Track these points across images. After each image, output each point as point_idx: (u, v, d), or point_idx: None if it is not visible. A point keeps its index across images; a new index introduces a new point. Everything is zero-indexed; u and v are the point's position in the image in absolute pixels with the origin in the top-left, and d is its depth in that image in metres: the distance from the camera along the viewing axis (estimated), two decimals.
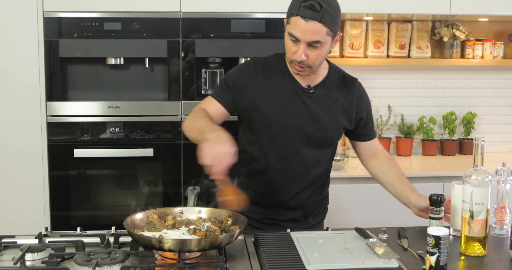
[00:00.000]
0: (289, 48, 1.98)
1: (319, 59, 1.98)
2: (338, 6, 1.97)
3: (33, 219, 3.00)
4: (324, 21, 1.89)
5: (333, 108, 2.11)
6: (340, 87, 2.14)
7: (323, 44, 1.94)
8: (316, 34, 1.90)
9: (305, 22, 1.89)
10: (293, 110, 2.06)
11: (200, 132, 1.86)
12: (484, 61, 3.72)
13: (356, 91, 2.16)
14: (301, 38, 1.91)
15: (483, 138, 1.79)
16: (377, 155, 2.25)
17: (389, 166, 2.21)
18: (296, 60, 1.95)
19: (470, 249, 1.81)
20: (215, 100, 2.08)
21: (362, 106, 2.17)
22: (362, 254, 1.71)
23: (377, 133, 3.73)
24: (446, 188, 3.14)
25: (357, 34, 3.65)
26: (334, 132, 2.14)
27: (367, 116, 2.20)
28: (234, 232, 1.70)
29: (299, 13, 1.89)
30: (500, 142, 3.91)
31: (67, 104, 2.99)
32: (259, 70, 2.09)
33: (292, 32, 1.93)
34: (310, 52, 1.94)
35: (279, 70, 2.09)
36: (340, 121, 2.12)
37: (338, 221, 3.07)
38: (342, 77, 2.16)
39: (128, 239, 1.79)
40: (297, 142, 2.08)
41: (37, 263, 1.66)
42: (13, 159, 3.01)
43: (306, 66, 1.98)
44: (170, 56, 3.01)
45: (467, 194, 1.79)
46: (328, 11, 1.90)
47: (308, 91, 2.08)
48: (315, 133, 2.09)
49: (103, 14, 2.98)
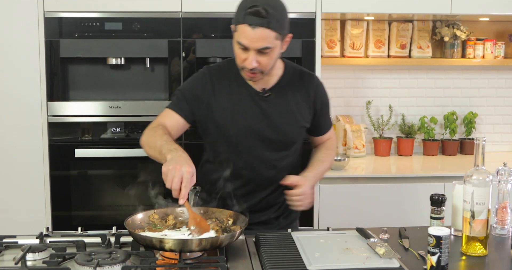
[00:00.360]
0: (238, 56, 1.96)
1: (270, 63, 1.98)
2: (284, 8, 1.94)
3: (34, 219, 3.00)
4: (272, 26, 1.88)
5: (291, 108, 2.09)
6: (297, 85, 2.12)
7: (272, 49, 1.93)
8: (264, 40, 1.89)
9: (253, 30, 1.87)
10: (251, 116, 2.05)
11: (159, 151, 1.84)
12: (485, 60, 3.72)
13: (314, 87, 2.14)
14: (250, 46, 1.90)
15: (484, 138, 1.79)
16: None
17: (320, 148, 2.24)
18: (247, 67, 1.95)
19: (471, 249, 1.81)
20: (173, 112, 2.05)
21: (318, 101, 2.15)
22: (363, 254, 1.70)
23: (378, 133, 3.73)
24: (447, 188, 3.14)
25: (358, 34, 3.65)
26: (295, 133, 2.13)
27: (322, 111, 2.18)
28: (235, 232, 1.70)
29: (245, 21, 1.87)
30: (501, 142, 3.91)
31: (68, 104, 2.99)
32: (214, 79, 2.07)
33: (240, 40, 1.91)
34: (260, 58, 1.93)
35: (233, 77, 2.08)
36: (299, 120, 2.12)
37: (339, 221, 3.07)
38: (299, 75, 2.14)
39: (129, 239, 1.79)
40: (259, 148, 2.07)
41: (38, 263, 1.66)
42: (14, 159, 3.01)
43: (258, 72, 1.97)
44: (171, 56, 3.01)
45: (468, 194, 1.79)
46: (274, 16, 1.87)
47: (264, 94, 2.07)
48: (275, 136, 2.08)
49: (103, 14, 2.98)
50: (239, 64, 1.99)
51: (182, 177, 1.68)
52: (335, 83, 3.75)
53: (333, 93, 3.74)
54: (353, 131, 3.63)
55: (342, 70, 3.75)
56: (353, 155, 3.63)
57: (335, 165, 3.28)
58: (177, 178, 1.68)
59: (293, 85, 2.11)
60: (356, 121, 3.75)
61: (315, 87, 2.14)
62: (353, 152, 3.64)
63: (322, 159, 2.16)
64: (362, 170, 3.39)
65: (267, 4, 1.88)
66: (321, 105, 2.17)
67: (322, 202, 3.13)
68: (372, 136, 3.78)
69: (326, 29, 3.60)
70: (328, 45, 3.62)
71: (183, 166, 1.70)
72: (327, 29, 3.61)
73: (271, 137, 2.07)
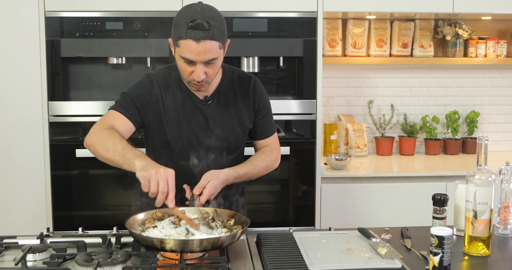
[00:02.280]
0: (184, 70, 1.95)
1: (215, 73, 2.00)
2: (221, 16, 1.95)
3: (35, 219, 3.00)
4: (215, 38, 1.89)
5: (232, 113, 2.10)
6: (237, 88, 2.13)
7: (217, 59, 1.94)
8: (210, 52, 1.90)
9: (197, 44, 1.87)
10: (196, 125, 2.05)
11: (121, 155, 1.80)
12: (487, 59, 3.71)
13: (251, 88, 2.14)
14: (197, 60, 1.90)
15: (486, 138, 1.78)
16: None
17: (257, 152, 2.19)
18: (195, 80, 1.95)
19: (474, 249, 1.80)
20: (122, 115, 2.00)
21: (256, 101, 2.15)
22: (365, 254, 1.70)
23: (380, 132, 3.72)
24: (449, 187, 3.13)
25: (360, 33, 3.64)
26: (238, 138, 2.13)
27: (261, 113, 2.16)
28: (236, 233, 1.69)
29: (189, 36, 1.86)
30: (504, 141, 3.90)
31: (69, 103, 2.99)
32: (160, 86, 2.06)
33: (185, 55, 1.90)
34: (207, 69, 1.94)
35: (176, 85, 2.07)
36: (243, 124, 2.12)
37: (340, 221, 3.07)
38: (237, 78, 2.15)
39: (129, 239, 1.79)
40: (205, 155, 2.06)
41: (39, 264, 1.66)
42: (15, 159, 3.00)
43: (205, 83, 1.98)
44: (172, 55, 3.00)
45: (470, 194, 1.79)
46: (216, 26, 1.88)
47: (206, 102, 2.07)
48: (221, 143, 2.08)
49: (105, 13, 2.97)
50: (185, 78, 1.99)
51: (167, 179, 1.68)
52: (336, 83, 3.74)
53: (334, 93, 3.74)
54: (355, 131, 3.62)
55: (344, 69, 3.74)
56: (355, 154, 3.62)
57: (337, 164, 3.28)
58: (163, 181, 1.68)
59: (233, 89, 2.12)
60: (358, 121, 3.75)
61: (254, 88, 2.15)
62: (354, 152, 3.63)
63: (253, 162, 2.11)
64: (364, 170, 3.38)
65: (206, 16, 1.88)
66: (260, 106, 2.16)
67: (323, 201, 3.13)
68: (374, 135, 3.78)
69: (327, 28, 3.60)
70: (330, 44, 3.61)
71: (166, 169, 1.69)
72: (329, 28, 3.60)
73: (215, 144, 2.08)
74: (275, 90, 3.21)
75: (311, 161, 3.10)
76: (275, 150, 2.22)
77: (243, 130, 2.14)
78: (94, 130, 1.95)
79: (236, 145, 2.14)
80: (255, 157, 2.15)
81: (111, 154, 1.83)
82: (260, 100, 2.16)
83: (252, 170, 2.08)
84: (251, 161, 2.11)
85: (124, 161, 1.78)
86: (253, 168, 2.09)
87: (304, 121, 3.09)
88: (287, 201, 3.14)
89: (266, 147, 2.21)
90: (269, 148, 2.21)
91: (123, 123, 1.99)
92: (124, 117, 2.00)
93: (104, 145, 1.86)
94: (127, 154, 1.79)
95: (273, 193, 3.15)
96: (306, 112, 3.08)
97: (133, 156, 1.77)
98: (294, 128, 3.10)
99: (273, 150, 2.21)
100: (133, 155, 1.77)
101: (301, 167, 3.12)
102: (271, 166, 2.18)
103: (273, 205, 3.18)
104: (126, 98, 2.04)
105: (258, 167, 2.11)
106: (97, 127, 1.96)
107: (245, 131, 2.15)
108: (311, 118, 3.09)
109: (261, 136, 2.20)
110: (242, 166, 2.07)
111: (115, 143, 1.84)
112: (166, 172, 1.69)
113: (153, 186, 1.68)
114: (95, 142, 1.91)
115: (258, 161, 2.12)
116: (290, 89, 3.18)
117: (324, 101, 3.61)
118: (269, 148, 2.20)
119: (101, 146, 1.87)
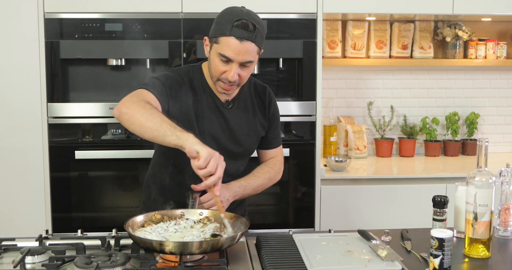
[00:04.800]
0: (218, 68, 1.94)
1: (248, 76, 2.00)
2: (263, 24, 1.97)
3: (34, 221, 2.99)
4: (257, 41, 1.90)
5: (250, 120, 2.11)
6: (254, 96, 2.14)
7: (253, 63, 1.95)
8: (249, 54, 1.90)
9: (240, 43, 1.88)
10: (215, 127, 2.05)
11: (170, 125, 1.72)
12: (487, 61, 3.71)
13: (267, 98, 2.16)
14: (235, 59, 1.90)
15: (487, 139, 1.77)
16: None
17: (260, 165, 2.20)
18: (228, 80, 1.94)
19: (474, 251, 1.79)
20: (153, 95, 1.91)
21: (271, 111, 2.17)
22: (365, 257, 1.70)
23: (380, 134, 3.71)
24: (449, 189, 3.13)
25: (359, 35, 3.64)
26: (252, 144, 2.15)
27: (272, 123, 2.18)
28: (236, 235, 1.68)
29: (233, 34, 1.87)
30: (504, 143, 3.90)
31: (68, 105, 2.98)
32: (186, 82, 2.04)
33: (225, 52, 1.90)
34: (241, 71, 1.94)
35: (200, 84, 2.06)
36: (258, 131, 2.14)
37: (340, 223, 3.06)
38: (254, 86, 2.16)
39: (129, 241, 1.78)
40: None
41: (37, 266, 1.65)
42: (14, 160, 3.00)
43: (235, 85, 1.98)
44: (172, 57, 3.00)
45: (471, 196, 1.78)
46: (259, 31, 1.91)
47: (228, 106, 2.08)
48: (235, 148, 2.09)
49: (104, 15, 2.97)
50: (216, 75, 1.97)
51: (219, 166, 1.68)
52: (336, 84, 3.74)
53: (334, 94, 3.74)
54: (355, 132, 3.62)
55: (344, 70, 3.74)
56: (355, 156, 3.62)
57: (337, 166, 3.27)
58: (221, 167, 1.68)
59: (251, 96, 2.14)
60: (357, 122, 3.74)
61: (269, 98, 2.17)
62: (354, 153, 3.62)
63: (255, 174, 2.13)
64: (364, 171, 3.38)
65: (253, 18, 1.91)
66: (272, 116, 2.18)
67: (323, 203, 3.12)
68: (373, 137, 3.77)
69: (327, 30, 3.59)
70: (330, 46, 3.60)
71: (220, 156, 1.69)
72: (329, 30, 3.60)
73: (231, 148, 2.08)
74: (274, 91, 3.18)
75: (310, 162, 3.10)
76: (279, 163, 2.23)
77: (257, 137, 2.16)
78: (128, 101, 1.82)
79: (248, 151, 2.16)
80: (257, 169, 2.17)
81: (156, 123, 1.73)
82: (274, 110, 2.19)
83: (255, 182, 2.10)
84: (254, 174, 2.13)
85: (173, 132, 1.70)
86: (256, 180, 2.10)
87: (303, 122, 3.09)
88: (286, 203, 3.14)
89: (271, 159, 2.22)
90: (273, 160, 2.22)
91: (154, 104, 1.89)
92: (156, 99, 1.91)
93: (147, 115, 1.75)
94: (178, 127, 1.73)
95: (273, 194, 3.15)
96: (306, 114, 3.08)
97: (186, 135, 1.70)
98: (294, 130, 3.09)
99: (276, 162, 2.22)
100: (186, 135, 1.71)
101: (301, 169, 3.12)
102: (274, 178, 2.20)
103: (273, 207, 3.18)
104: (158, 83, 1.97)
105: (261, 179, 2.12)
106: (134, 99, 1.83)
107: (258, 139, 2.17)
108: (311, 119, 3.09)
109: (268, 146, 2.21)
110: (245, 178, 2.09)
111: (161, 115, 1.77)
112: (221, 159, 1.69)
113: (212, 165, 1.66)
114: (134, 110, 1.78)
115: (260, 173, 2.14)
116: (290, 90, 3.18)
117: (324, 102, 3.61)
118: (273, 161, 2.22)
119: (143, 116, 1.76)
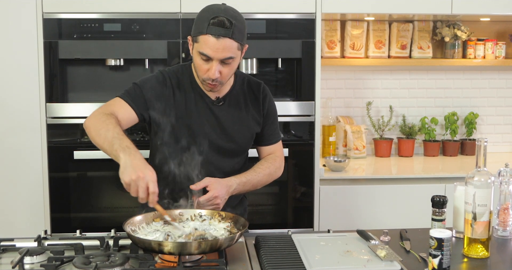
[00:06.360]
0: (200, 67, 1.96)
1: (230, 74, 2.00)
2: (243, 19, 1.97)
3: (33, 221, 2.99)
4: (235, 37, 1.91)
5: (243, 116, 2.12)
6: (247, 93, 2.15)
7: (234, 59, 1.96)
8: (228, 50, 1.91)
9: (217, 40, 1.89)
10: (206, 125, 2.06)
11: (110, 143, 1.79)
12: (485, 61, 3.71)
13: (261, 94, 2.16)
14: (214, 56, 1.91)
15: (485, 139, 1.77)
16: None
17: (260, 161, 2.19)
18: (210, 78, 1.95)
19: (473, 251, 1.79)
20: (126, 104, 2.00)
21: (265, 107, 2.17)
22: (364, 257, 1.69)
23: (379, 134, 3.71)
24: (448, 189, 3.13)
25: (358, 35, 3.64)
26: (246, 141, 2.15)
27: (268, 119, 2.18)
28: (235, 235, 1.68)
29: (209, 31, 1.89)
30: (502, 143, 3.90)
31: (67, 105, 2.98)
32: (172, 83, 2.06)
33: (203, 51, 1.91)
34: (223, 68, 1.95)
35: (188, 83, 2.08)
36: (251, 127, 2.14)
37: (339, 223, 3.06)
38: (247, 83, 2.17)
39: (127, 242, 1.78)
40: (210, 155, 2.06)
41: (36, 267, 1.65)
42: (13, 161, 2.99)
43: (218, 83, 1.99)
44: (170, 57, 3.00)
45: (469, 196, 1.78)
46: (237, 26, 1.91)
47: (218, 103, 2.08)
48: (228, 145, 2.09)
49: (102, 15, 2.96)
50: (201, 75, 1.99)
51: (147, 185, 1.68)
52: (335, 84, 3.74)
53: (333, 94, 3.73)
54: (354, 132, 3.62)
55: (342, 71, 3.74)
56: (354, 156, 3.62)
57: (335, 166, 3.27)
58: (143, 188, 1.68)
59: (243, 93, 2.14)
60: (356, 122, 3.74)
61: (263, 94, 2.17)
62: (353, 153, 3.62)
63: (256, 170, 2.13)
64: (363, 171, 3.38)
65: (229, 15, 1.91)
66: (268, 112, 2.18)
67: (322, 203, 3.12)
68: (372, 137, 3.77)
69: (326, 30, 3.59)
70: (328, 46, 3.60)
71: (146, 174, 1.69)
72: (327, 30, 3.60)
73: (224, 145, 2.08)
74: (273, 91, 3.18)
75: (309, 162, 3.10)
76: (279, 158, 2.22)
77: (251, 134, 2.15)
78: (94, 114, 1.95)
79: (243, 147, 2.15)
80: (257, 165, 2.16)
81: (101, 140, 1.84)
82: (269, 106, 2.18)
83: (255, 177, 2.09)
84: (254, 169, 2.13)
85: (111, 151, 1.79)
86: (256, 176, 2.09)
87: (302, 122, 3.09)
88: (285, 203, 3.14)
89: (270, 155, 2.22)
90: (273, 156, 2.22)
91: (125, 112, 1.99)
92: (129, 107, 2.00)
93: (98, 129, 1.87)
94: (115, 144, 1.77)
95: (272, 195, 3.15)
96: (305, 114, 3.08)
97: (120, 147, 1.75)
98: (293, 130, 3.09)
99: (276, 158, 2.21)
100: (120, 147, 1.76)
101: (300, 169, 3.12)
102: (275, 174, 2.19)
103: (272, 207, 3.18)
104: (136, 89, 2.04)
105: (261, 174, 2.11)
106: (98, 111, 1.96)
107: (252, 135, 2.16)
108: (310, 119, 3.08)
109: (267, 142, 2.21)
110: (244, 174, 2.08)
111: (107, 129, 1.84)
112: (145, 178, 1.68)
113: (133, 191, 1.70)
114: (91, 125, 1.91)
115: (260, 168, 2.13)
116: (289, 90, 3.18)
117: (323, 102, 3.61)
118: (272, 156, 2.21)
119: (95, 130, 1.88)
